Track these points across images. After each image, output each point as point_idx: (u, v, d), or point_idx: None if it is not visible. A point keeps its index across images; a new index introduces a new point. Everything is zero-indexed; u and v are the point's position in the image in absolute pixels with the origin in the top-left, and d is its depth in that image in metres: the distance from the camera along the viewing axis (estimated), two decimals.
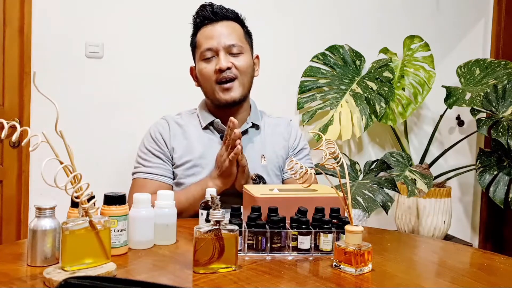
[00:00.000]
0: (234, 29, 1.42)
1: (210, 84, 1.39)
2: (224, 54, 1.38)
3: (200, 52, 1.40)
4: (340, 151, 0.98)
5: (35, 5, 1.99)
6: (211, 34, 1.39)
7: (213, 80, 1.38)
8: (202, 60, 1.40)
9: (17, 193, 2.02)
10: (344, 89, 2.38)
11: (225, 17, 1.42)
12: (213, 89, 1.39)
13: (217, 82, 1.38)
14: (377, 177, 2.19)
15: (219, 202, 0.86)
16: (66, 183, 0.77)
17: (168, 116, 1.49)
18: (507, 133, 2.12)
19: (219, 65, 1.36)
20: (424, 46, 2.44)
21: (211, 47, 1.38)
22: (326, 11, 2.45)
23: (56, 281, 0.76)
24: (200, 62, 1.41)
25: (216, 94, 1.39)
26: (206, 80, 1.40)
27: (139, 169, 1.41)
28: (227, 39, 1.39)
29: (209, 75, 1.39)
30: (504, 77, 2.33)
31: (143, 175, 1.39)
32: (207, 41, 1.39)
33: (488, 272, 0.94)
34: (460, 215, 2.76)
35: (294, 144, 1.53)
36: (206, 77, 1.40)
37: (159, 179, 1.39)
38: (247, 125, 1.46)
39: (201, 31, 1.42)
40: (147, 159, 1.41)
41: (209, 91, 1.41)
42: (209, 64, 1.39)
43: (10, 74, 1.99)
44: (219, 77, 1.38)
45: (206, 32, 1.40)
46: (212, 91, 1.40)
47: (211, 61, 1.39)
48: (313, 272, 0.90)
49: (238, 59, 1.40)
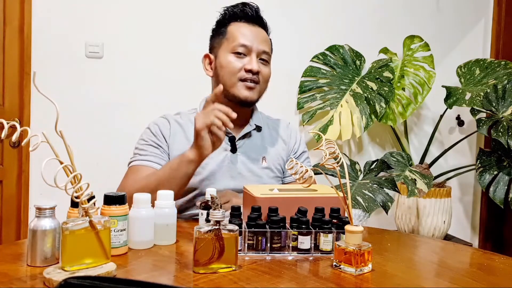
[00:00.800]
0: (267, 38, 1.45)
1: (233, 79, 1.39)
2: (256, 58, 1.39)
3: (232, 44, 1.39)
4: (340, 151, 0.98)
5: (35, 5, 1.99)
6: (248, 32, 1.40)
7: (238, 77, 1.38)
8: (233, 53, 1.39)
9: (17, 193, 2.02)
10: (344, 89, 2.38)
11: (262, 24, 1.45)
12: (234, 84, 1.39)
13: (241, 80, 1.38)
14: (377, 177, 2.19)
15: (219, 202, 0.86)
16: (66, 183, 0.77)
17: (168, 115, 1.49)
18: (507, 133, 2.12)
19: (251, 65, 1.37)
20: (424, 46, 2.44)
21: (246, 44, 1.38)
22: (326, 11, 2.45)
23: (56, 281, 0.76)
24: (229, 54, 1.39)
25: (236, 89, 1.39)
26: (230, 73, 1.39)
27: (135, 158, 1.40)
28: (262, 44, 1.40)
29: (235, 71, 1.38)
30: (504, 77, 2.34)
31: (138, 162, 1.37)
32: (243, 37, 1.39)
33: (488, 272, 0.94)
34: (460, 215, 2.76)
35: (295, 147, 1.54)
36: (232, 71, 1.39)
37: (154, 166, 1.36)
38: (251, 127, 1.46)
39: (237, 25, 1.42)
40: (144, 149, 1.40)
41: (228, 84, 1.39)
42: (239, 59, 1.39)
43: (10, 74, 1.99)
44: (245, 76, 1.38)
45: (244, 29, 1.41)
46: (232, 85, 1.39)
47: (241, 58, 1.39)
48: (313, 272, 0.90)
49: (265, 67, 1.42)
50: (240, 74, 1.38)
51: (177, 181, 1.24)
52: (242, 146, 1.43)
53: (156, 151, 1.39)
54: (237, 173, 1.40)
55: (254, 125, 1.47)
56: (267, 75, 1.43)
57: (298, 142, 1.55)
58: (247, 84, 1.38)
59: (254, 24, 1.43)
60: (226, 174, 1.39)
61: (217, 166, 1.39)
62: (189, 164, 1.24)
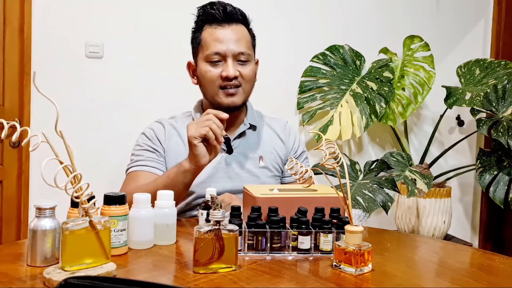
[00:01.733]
0: (243, 35, 1.39)
1: (213, 88, 1.37)
2: (232, 61, 1.35)
3: (206, 53, 1.36)
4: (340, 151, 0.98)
5: (35, 5, 1.99)
6: (220, 37, 1.35)
7: (217, 85, 1.36)
8: (208, 62, 1.36)
9: (17, 193, 2.02)
10: (344, 89, 2.38)
11: (235, 19, 1.38)
12: (216, 92, 1.37)
13: (221, 87, 1.36)
14: (377, 177, 2.19)
15: (219, 202, 0.86)
16: (66, 183, 0.77)
17: (162, 119, 1.48)
18: (507, 133, 2.12)
19: (227, 72, 1.34)
20: (424, 46, 2.44)
21: (219, 52, 1.35)
22: (326, 11, 2.45)
23: (56, 281, 0.76)
24: (205, 63, 1.37)
25: (218, 98, 1.37)
26: (209, 83, 1.37)
27: (132, 164, 1.40)
28: (237, 46, 1.36)
29: (214, 79, 1.36)
30: (504, 77, 2.33)
31: (135, 168, 1.38)
32: (215, 44, 1.35)
33: (488, 272, 0.94)
34: (460, 215, 2.76)
35: (295, 147, 1.52)
36: (210, 81, 1.37)
37: (152, 171, 1.36)
38: (245, 127, 1.45)
39: (209, 31, 1.37)
40: (140, 154, 1.40)
41: (210, 94, 1.39)
42: (214, 68, 1.36)
43: (10, 74, 1.99)
44: (224, 83, 1.35)
45: (215, 34, 1.36)
46: (213, 94, 1.38)
47: (217, 65, 1.36)
48: (313, 272, 0.90)
49: (245, 67, 1.38)
50: (219, 82, 1.36)
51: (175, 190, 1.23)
52: (238, 146, 1.43)
53: (152, 156, 1.39)
54: (234, 173, 1.40)
55: (248, 124, 1.45)
56: (249, 75, 1.39)
57: (297, 142, 1.54)
58: (227, 92, 1.36)
59: (226, 24, 1.37)
60: (223, 176, 1.39)
61: (214, 168, 1.38)
62: (186, 174, 1.24)
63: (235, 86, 1.36)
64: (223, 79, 1.35)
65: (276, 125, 1.53)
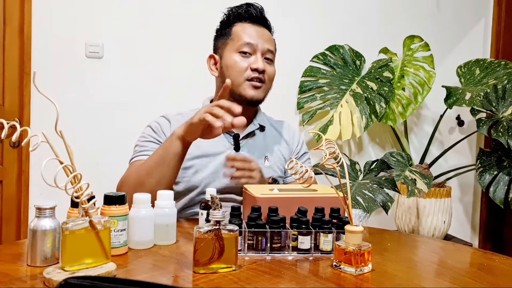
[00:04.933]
0: (271, 38, 1.47)
1: (239, 79, 1.39)
2: (261, 57, 1.40)
3: (237, 44, 1.40)
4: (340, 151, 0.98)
5: (35, 5, 1.99)
6: (253, 32, 1.42)
7: (245, 76, 1.39)
8: (238, 53, 1.40)
9: (17, 193, 2.02)
10: (344, 89, 2.38)
11: (266, 25, 1.47)
12: (240, 83, 1.39)
13: (248, 79, 1.39)
14: (377, 177, 2.19)
15: (219, 202, 0.86)
16: (66, 183, 0.77)
17: (168, 115, 1.49)
18: (507, 133, 2.12)
19: (257, 64, 1.38)
20: (424, 46, 2.44)
21: (252, 43, 1.40)
22: (326, 11, 2.45)
23: (56, 281, 0.76)
24: (235, 54, 1.40)
25: (242, 89, 1.39)
26: (236, 72, 1.39)
27: (135, 154, 1.40)
28: (267, 43, 1.42)
29: (242, 70, 1.39)
30: (504, 77, 2.34)
31: (139, 157, 1.37)
32: (248, 37, 1.40)
33: (488, 272, 0.94)
34: (460, 215, 2.76)
35: (297, 149, 1.55)
36: (238, 71, 1.39)
37: None
38: (255, 127, 1.46)
39: (242, 25, 1.43)
40: (144, 145, 1.40)
41: (234, 84, 1.39)
42: (244, 58, 1.40)
43: (10, 74, 1.99)
44: (251, 75, 1.39)
45: (248, 29, 1.42)
46: (239, 84, 1.40)
47: (247, 57, 1.40)
48: (313, 272, 0.90)
49: (270, 66, 1.44)
50: (247, 74, 1.39)
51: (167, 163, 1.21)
52: (245, 145, 1.44)
53: (156, 147, 1.39)
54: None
55: (258, 125, 1.47)
56: (272, 74, 1.45)
57: (300, 144, 1.57)
58: (253, 84, 1.39)
59: (258, 25, 1.44)
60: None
61: (219, 164, 1.39)
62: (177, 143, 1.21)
63: (261, 80, 1.40)
64: (252, 70, 1.39)
65: (281, 127, 1.56)
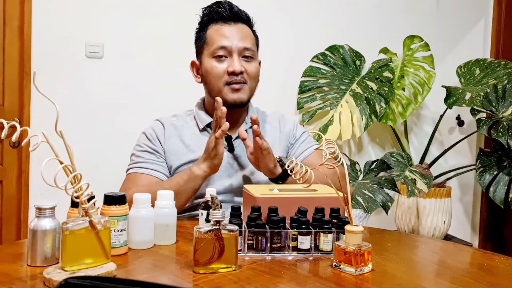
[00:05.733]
0: (248, 33, 1.41)
1: (218, 84, 1.37)
2: (237, 57, 1.36)
3: (212, 49, 1.37)
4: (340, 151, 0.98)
5: (35, 5, 1.99)
6: (226, 33, 1.37)
7: (223, 81, 1.36)
8: (213, 58, 1.37)
9: (17, 193, 2.02)
10: (344, 89, 2.38)
11: (240, 19, 1.41)
12: (221, 89, 1.37)
13: (227, 84, 1.36)
14: (377, 177, 2.19)
15: (219, 202, 0.86)
16: (66, 183, 0.77)
17: (163, 118, 1.48)
18: (507, 133, 2.12)
19: (233, 67, 1.34)
20: (424, 46, 2.44)
21: (225, 46, 1.36)
22: (326, 11, 2.45)
23: (56, 281, 0.76)
24: (210, 59, 1.37)
25: (224, 94, 1.36)
26: (214, 79, 1.37)
27: (132, 165, 1.40)
28: (242, 42, 1.37)
29: (220, 75, 1.36)
30: (504, 77, 2.34)
31: (135, 170, 1.37)
32: (221, 39, 1.36)
33: (488, 272, 0.94)
34: (460, 215, 2.76)
35: (293, 132, 1.51)
36: (216, 76, 1.37)
37: (151, 173, 1.36)
38: (247, 126, 1.45)
39: (215, 28, 1.39)
40: (140, 155, 1.40)
41: (215, 90, 1.38)
42: (220, 63, 1.36)
43: (10, 74, 1.99)
44: (230, 79, 1.36)
45: (221, 30, 1.38)
46: (219, 90, 1.37)
47: (222, 61, 1.36)
48: (313, 272, 0.90)
49: (250, 64, 1.39)
50: (225, 78, 1.36)
51: (184, 196, 1.24)
52: (239, 145, 1.43)
53: (152, 157, 1.39)
54: (235, 172, 1.40)
55: (250, 123, 1.46)
56: (253, 72, 1.40)
57: (295, 126, 1.53)
58: (233, 87, 1.36)
59: (232, 22, 1.39)
60: (223, 174, 1.39)
61: None
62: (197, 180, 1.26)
63: (241, 82, 1.37)
64: (229, 74, 1.35)
65: (273, 119, 1.53)
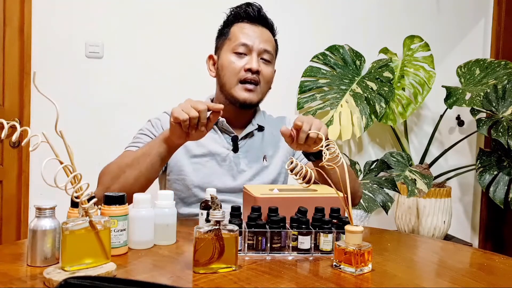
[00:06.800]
0: (270, 38, 1.44)
1: (233, 80, 1.37)
2: (256, 57, 1.38)
3: (233, 44, 1.39)
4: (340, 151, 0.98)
5: (35, 5, 1.99)
6: (250, 32, 1.39)
7: (238, 77, 1.37)
8: (234, 53, 1.38)
9: (17, 193, 2.02)
10: (344, 89, 2.38)
11: (266, 24, 1.44)
12: (234, 85, 1.37)
13: (241, 81, 1.37)
14: (377, 177, 2.19)
15: (219, 202, 0.86)
16: (66, 183, 0.77)
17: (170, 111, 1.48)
18: (507, 133, 2.12)
19: (250, 65, 1.35)
20: (424, 46, 2.44)
21: (247, 44, 1.37)
22: (326, 11, 2.45)
23: (56, 281, 0.76)
24: (231, 54, 1.38)
25: (235, 91, 1.37)
26: (230, 73, 1.38)
27: (129, 145, 1.39)
28: (263, 44, 1.39)
29: (236, 71, 1.37)
30: (504, 77, 2.34)
31: (129, 148, 1.37)
32: (244, 37, 1.38)
33: (488, 272, 0.94)
34: (460, 215, 2.76)
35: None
36: (232, 71, 1.37)
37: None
38: (253, 127, 1.45)
39: (239, 25, 1.41)
40: (139, 137, 1.40)
41: (228, 85, 1.39)
42: (239, 59, 1.37)
43: (10, 74, 1.99)
44: (245, 76, 1.36)
45: (246, 29, 1.40)
46: (231, 86, 1.38)
47: (242, 58, 1.38)
48: (313, 272, 0.90)
49: (267, 67, 1.40)
50: (240, 74, 1.36)
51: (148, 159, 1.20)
52: (244, 146, 1.43)
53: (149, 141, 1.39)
54: (238, 172, 1.40)
55: (256, 125, 1.46)
56: (268, 75, 1.41)
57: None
58: (246, 86, 1.36)
59: (257, 24, 1.42)
60: (226, 173, 1.39)
61: (218, 165, 1.39)
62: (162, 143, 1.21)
63: (255, 82, 1.37)
64: (246, 71, 1.36)
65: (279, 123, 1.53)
